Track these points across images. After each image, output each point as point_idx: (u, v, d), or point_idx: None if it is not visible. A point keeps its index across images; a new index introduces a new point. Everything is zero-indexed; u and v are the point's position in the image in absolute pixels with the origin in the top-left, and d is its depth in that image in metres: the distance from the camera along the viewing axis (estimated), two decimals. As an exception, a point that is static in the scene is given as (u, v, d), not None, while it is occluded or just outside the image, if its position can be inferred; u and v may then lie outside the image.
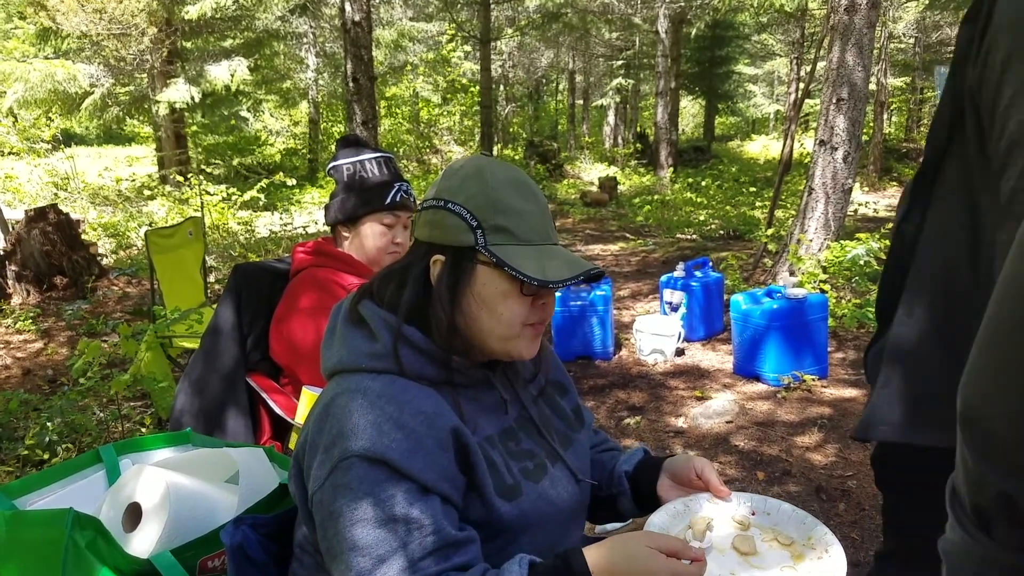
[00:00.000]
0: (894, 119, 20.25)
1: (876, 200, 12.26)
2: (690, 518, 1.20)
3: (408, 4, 17.03)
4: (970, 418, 0.67)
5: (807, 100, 8.20)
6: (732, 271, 6.51)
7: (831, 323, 4.55)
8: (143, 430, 3.38)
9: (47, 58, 12.31)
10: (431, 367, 1.11)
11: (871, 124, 15.11)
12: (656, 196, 12.92)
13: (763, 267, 6.87)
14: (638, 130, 22.61)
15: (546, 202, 1.19)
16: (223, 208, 9.23)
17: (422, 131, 17.75)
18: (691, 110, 32.15)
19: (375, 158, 2.07)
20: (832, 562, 1.08)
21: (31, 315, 5.38)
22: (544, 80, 26.13)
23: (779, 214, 7.76)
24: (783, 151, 7.49)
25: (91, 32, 12.16)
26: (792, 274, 5.83)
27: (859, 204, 10.46)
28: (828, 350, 4.45)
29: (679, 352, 4.85)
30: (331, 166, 2.09)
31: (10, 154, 11.13)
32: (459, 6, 16.38)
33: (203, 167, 11.06)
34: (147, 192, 11.42)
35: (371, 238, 2.05)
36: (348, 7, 7.61)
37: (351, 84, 7.59)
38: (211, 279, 5.64)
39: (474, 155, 1.21)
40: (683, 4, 16.04)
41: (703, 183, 13.62)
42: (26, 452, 2.93)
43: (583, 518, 1.29)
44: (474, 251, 1.11)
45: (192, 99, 12.04)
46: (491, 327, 1.12)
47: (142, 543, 1.36)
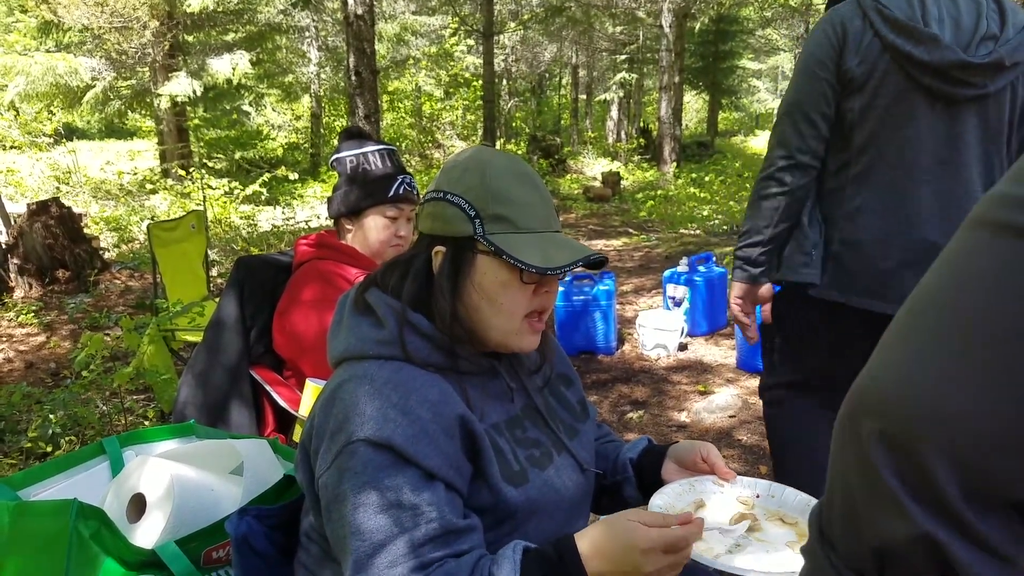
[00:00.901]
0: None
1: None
2: (694, 497, 1.20)
3: (410, -2, 17.00)
4: (902, 431, 0.50)
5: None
6: (735, 266, 6.48)
7: (835, 318, 4.53)
8: (146, 423, 3.38)
9: (48, 52, 12.28)
10: (437, 354, 1.12)
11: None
12: (659, 191, 12.90)
13: (766, 262, 6.84)
14: (641, 125, 22.57)
15: (547, 191, 1.19)
16: (225, 202, 9.22)
17: (424, 125, 17.73)
18: (694, 105, 32.09)
19: (378, 150, 2.06)
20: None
21: (33, 308, 5.38)
22: (547, 75, 26.08)
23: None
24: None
25: (92, 25, 12.13)
26: (796, 269, 5.80)
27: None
28: (832, 345, 4.43)
29: (682, 347, 4.84)
30: (334, 158, 2.08)
31: (12, 148, 11.12)
32: (462, 0, 16.35)
33: (205, 161, 11.05)
34: (149, 186, 11.42)
35: (374, 231, 2.04)
36: (351, 0, 7.59)
37: (353, 78, 7.58)
38: (213, 273, 5.64)
39: (476, 146, 1.21)
40: (686, -2, 16.00)
41: (706, 178, 13.59)
42: (29, 445, 2.93)
43: (588, 508, 1.30)
44: (473, 241, 1.11)
45: (194, 93, 12.03)
46: (492, 318, 1.13)
47: (146, 534, 1.35)
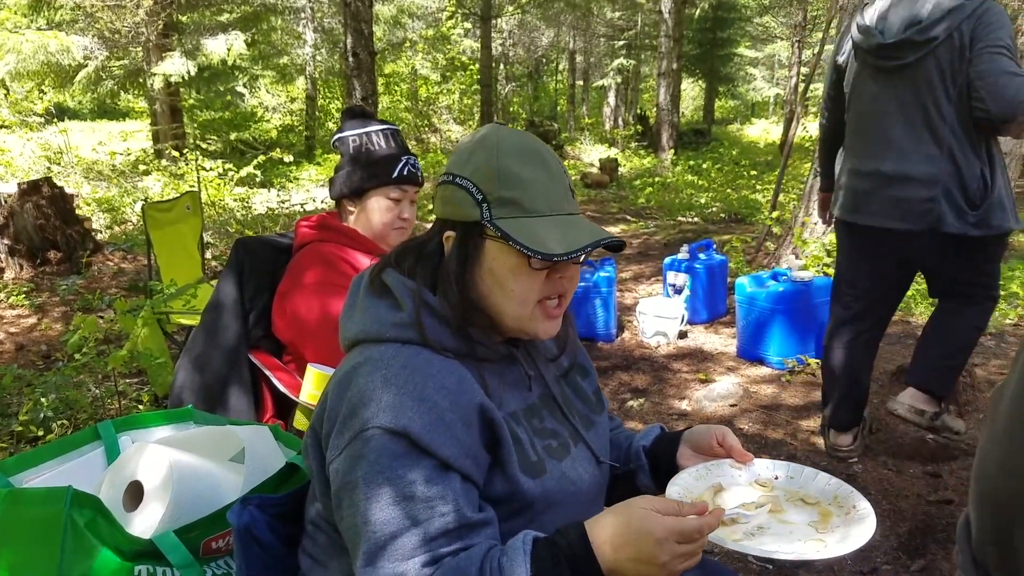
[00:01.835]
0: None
1: (877, 185, 12.20)
2: (712, 481, 1.17)
3: (407, -20, 16.80)
4: None
5: (810, 85, 8.10)
6: (736, 254, 6.45)
7: (835, 307, 4.51)
8: (140, 407, 3.33)
9: (40, 29, 12.08)
10: (455, 339, 1.08)
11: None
12: (657, 178, 12.84)
13: (766, 250, 6.81)
14: (639, 112, 22.48)
15: (561, 168, 1.13)
16: (219, 184, 9.12)
17: (421, 109, 17.59)
18: (691, 92, 31.96)
19: (382, 130, 2.01)
20: (860, 516, 1.05)
21: (24, 290, 5.31)
22: (544, 60, 25.89)
23: (781, 197, 7.70)
24: (788, 133, 7.41)
25: (85, 3, 11.94)
26: (797, 257, 5.78)
27: (860, 189, 10.38)
28: (833, 334, 4.41)
29: (682, 335, 4.81)
30: (336, 138, 2.03)
31: (2, 127, 10.96)
32: (459, -18, 16.19)
33: (199, 143, 10.92)
34: (142, 167, 11.28)
35: (377, 213, 1.99)
36: (348, -20, 7.47)
37: (351, 59, 7.47)
38: (208, 255, 5.57)
39: (490, 125, 1.16)
40: (686, -16, 15.88)
41: (704, 166, 13.53)
42: (20, 428, 2.88)
43: (603, 500, 1.27)
44: (481, 226, 1.07)
45: (188, 73, 11.86)
46: (504, 304, 1.09)
47: (144, 523, 1.31)
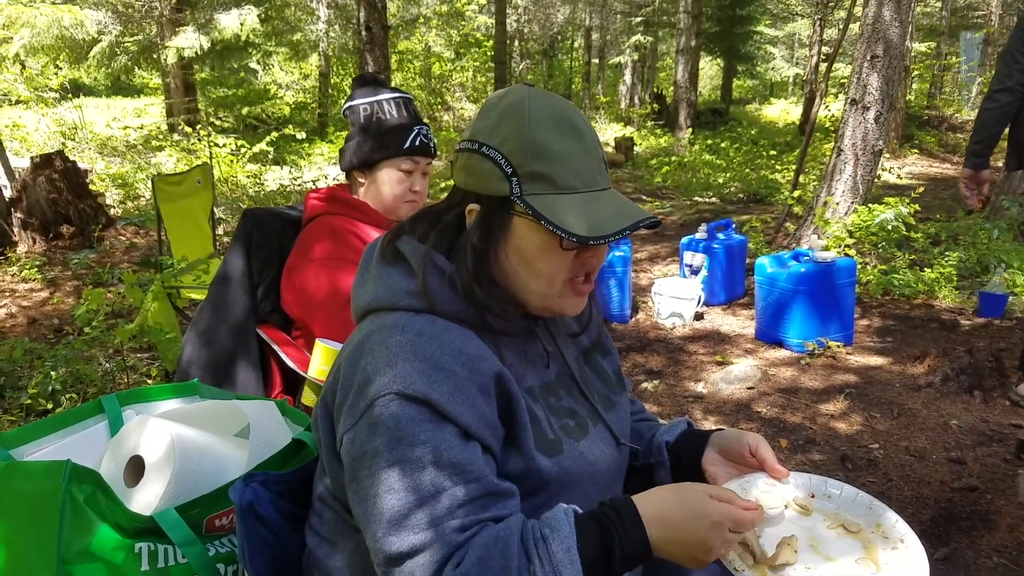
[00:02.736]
0: (915, 86, 19.73)
1: (899, 167, 12.00)
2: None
3: (422, -45, 16.59)
4: None
5: (832, 64, 7.92)
6: (755, 234, 6.35)
7: (856, 289, 4.41)
8: (149, 382, 3.31)
9: (54, 3, 12.05)
10: (468, 308, 1.02)
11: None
12: (674, 158, 12.67)
13: (785, 231, 6.70)
14: (655, 90, 22.18)
15: (595, 137, 1.05)
16: (232, 160, 9.08)
17: (434, 87, 17.44)
18: (708, 71, 31.53)
19: (394, 99, 1.93)
20: (910, 553, 0.98)
21: (37, 264, 5.30)
22: (559, 36, 25.59)
23: (801, 178, 7.56)
24: (810, 112, 7.26)
25: (99, -23, 11.91)
26: (818, 238, 5.67)
27: (882, 170, 10.24)
28: (854, 316, 4.32)
29: (698, 316, 4.73)
30: (347, 106, 1.96)
31: (17, 103, 10.97)
32: (475, -42, 15.96)
33: (212, 119, 10.87)
34: (155, 143, 11.27)
35: (388, 184, 1.93)
36: (362, -47, 7.36)
37: (364, 33, 7.38)
38: (219, 231, 5.53)
39: (518, 86, 1.07)
40: (706, -41, 15.57)
41: (722, 145, 13.35)
42: (29, 401, 2.86)
43: (621, 484, 1.22)
44: (510, 202, 1.00)
45: (201, 48, 11.80)
46: (530, 283, 1.03)
47: (145, 499, 1.27)
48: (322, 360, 1.71)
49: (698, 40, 16.48)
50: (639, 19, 21.59)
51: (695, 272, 4.93)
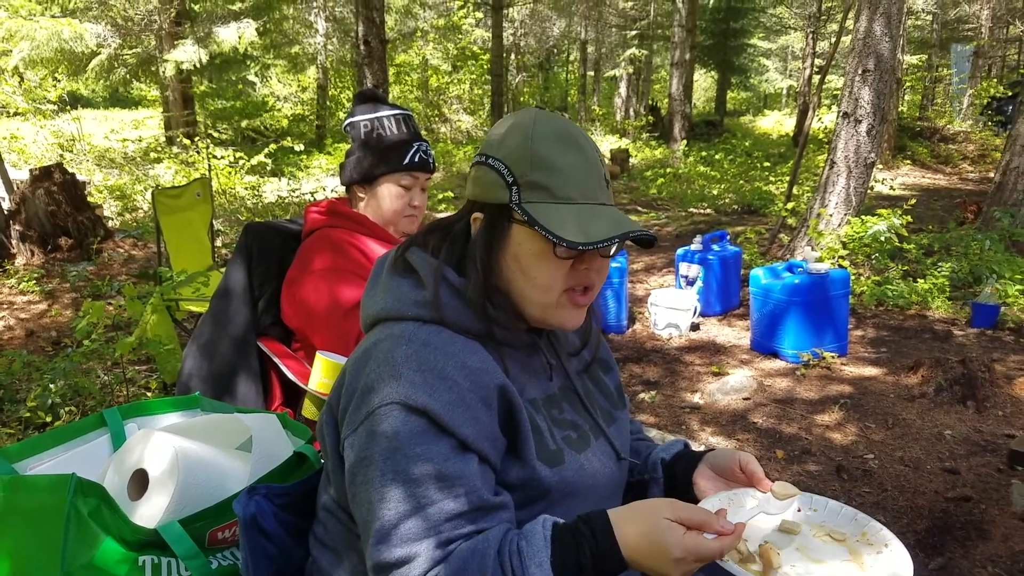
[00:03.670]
0: (907, 97, 19.89)
1: (892, 178, 12.08)
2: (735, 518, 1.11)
3: (419, -31, 16.70)
4: None
5: (825, 76, 8.00)
6: (749, 246, 6.39)
7: (850, 300, 4.45)
8: (148, 394, 3.32)
9: (54, 17, 12.09)
10: (475, 320, 1.05)
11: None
12: (669, 169, 12.74)
13: (779, 242, 6.75)
14: (650, 103, 22.29)
15: (597, 155, 1.08)
16: (230, 172, 9.11)
17: (431, 99, 17.51)
18: (703, 84, 31.71)
19: (394, 115, 1.96)
20: (895, 556, 1.00)
21: (35, 276, 5.31)
22: (555, 49, 25.72)
23: (795, 189, 7.61)
24: (803, 125, 7.33)
25: (98, -9, 11.95)
26: (812, 249, 5.71)
27: (874, 181, 10.32)
28: (848, 327, 4.35)
29: (694, 327, 4.76)
30: (348, 122, 1.99)
31: (16, 114, 10.99)
32: (471, -29, 16.06)
33: (210, 132, 10.91)
34: (153, 155, 11.29)
35: (388, 199, 1.95)
36: (360, -33, 7.42)
37: (362, 47, 7.43)
38: (218, 243, 5.55)
39: (528, 108, 1.12)
40: (701, -27, 15.69)
41: (716, 157, 13.43)
42: (28, 414, 2.87)
43: (620, 497, 1.23)
44: (509, 209, 1.03)
45: (200, 61, 11.85)
46: (526, 291, 1.05)
47: (149, 512, 1.28)
48: (322, 372, 1.72)
49: (692, 53, 16.60)
50: (634, 32, 21.74)
51: (691, 283, 4.96)
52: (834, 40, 7.71)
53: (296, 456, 1.34)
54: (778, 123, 23.81)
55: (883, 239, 5.43)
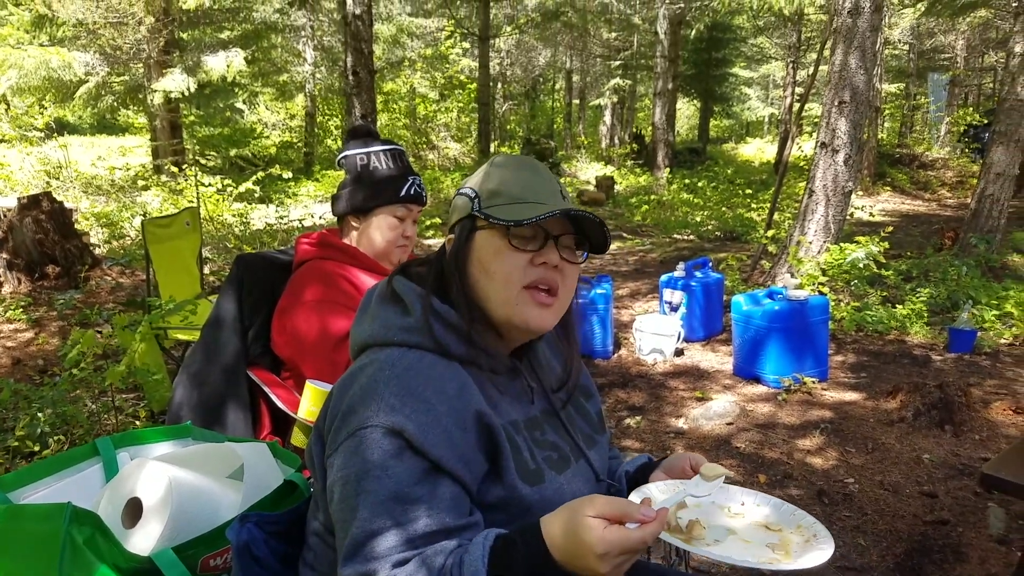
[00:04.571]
0: (886, 125, 20.30)
1: (871, 204, 12.29)
2: (678, 498, 1.14)
3: (407, 0, 16.93)
4: None
5: (804, 105, 8.19)
6: (731, 272, 6.49)
7: (830, 326, 4.53)
8: (136, 423, 3.32)
9: (42, 45, 12.13)
10: (460, 344, 1.11)
11: (866, 129, 15.11)
12: (653, 196, 12.90)
13: (761, 268, 6.85)
14: (635, 130, 22.58)
15: (553, 177, 1.21)
16: (218, 199, 9.14)
17: (419, 127, 17.67)
18: (686, 112, 32.16)
19: (387, 150, 2.04)
20: (820, 543, 1.07)
21: (22, 304, 5.30)
22: (541, 79, 26.06)
23: (776, 216, 7.75)
24: (783, 153, 7.47)
25: (87, 20, 12.00)
26: (792, 276, 5.81)
27: (854, 208, 10.51)
28: (828, 353, 4.43)
29: (678, 352, 4.82)
30: (343, 156, 2.05)
31: (2, 142, 10.98)
32: (458, 3, 16.31)
33: (198, 158, 10.95)
34: (141, 182, 11.30)
35: (383, 229, 2.02)
36: (349, 0, 7.55)
37: (351, 77, 7.53)
38: (206, 271, 5.57)
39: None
40: (682, 5, 16.02)
41: (699, 184, 13.62)
42: (16, 443, 2.87)
43: None
44: (473, 218, 1.15)
45: (188, 89, 11.92)
46: (489, 289, 1.12)
47: (143, 540, 1.31)
48: (311, 401, 1.76)
49: (675, 83, 16.89)
50: (618, 63, 22.09)
51: (674, 309, 5.03)
52: (811, 70, 7.90)
53: (286, 484, 1.37)
54: (760, 150, 24.17)
55: (861, 266, 5.54)
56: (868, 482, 3.19)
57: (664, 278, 5.23)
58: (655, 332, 4.73)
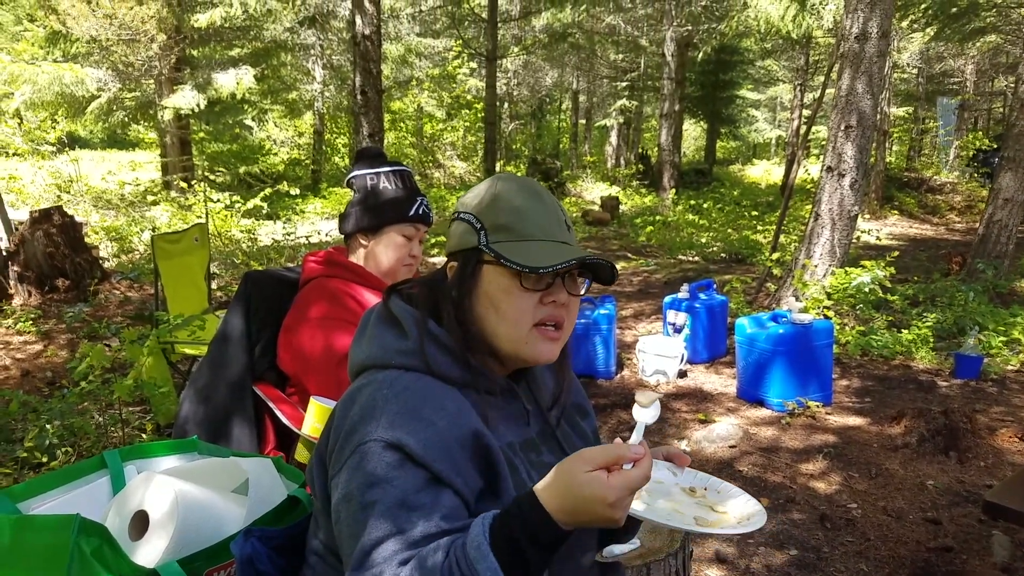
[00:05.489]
0: (895, 148, 20.37)
1: (879, 228, 12.30)
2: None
3: (416, 20, 17.11)
4: None
5: (811, 128, 8.23)
6: (736, 294, 6.50)
7: (835, 350, 4.53)
8: (143, 435, 3.34)
9: (56, 61, 12.33)
10: (456, 368, 1.12)
11: (873, 152, 15.17)
12: (658, 217, 12.94)
13: (766, 291, 6.86)
14: (640, 151, 22.70)
15: (556, 204, 1.20)
16: (226, 215, 9.22)
17: (426, 145, 17.80)
18: (692, 133, 32.32)
19: (395, 171, 2.07)
20: (751, 523, 1.08)
21: (32, 316, 5.35)
22: (548, 99, 26.24)
23: (781, 239, 7.76)
24: (790, 176, 7.51)
25: (101, 37, 12.18)
26: (797, 299, 5.82)
27: (861, 232, 10.53)
28: (832, 377, 4.43)
29: (682, 374, 4.82)
30: (352, 175, 2.09)
31: (14, 155, 11.12)
32: (466, 24, 16.49)
33: (207, 174, 11.05)
34: (151, 197, 11.41)
35: (391, 248, 2.04)
36: (359, 21, 7.65)
37: (359, 97, 7.62)
38: (213, 286, 5.61)
39: (500, 173, 1.25)
40: (690, 28, 16.16)
41: (704, 206, 13.65)
42: (25, 454, 2.89)
43: (596, 536, 1.29)
44: (479, 251, 1.14)
45: (198, 106, 12.06)
46: (498, 327, 1.13)
47: (148, 552, 1.33)
48: (315, 418, 1.77)
49: (681, 105, 17.00)
50: (624, 84, 22.26)
51: (678, 331, 5.04)
52: (819, 93, 7.94)
53: (289, 500, 1.39)
54: (767, 172, 24.23)
55: (867, 290, 5.55)
56: (871, 507, 3.18)
57: (668, 299, 5.25)
58: (658, 353, 4.74)
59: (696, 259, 9.88)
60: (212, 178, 10.88)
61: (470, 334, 1.14)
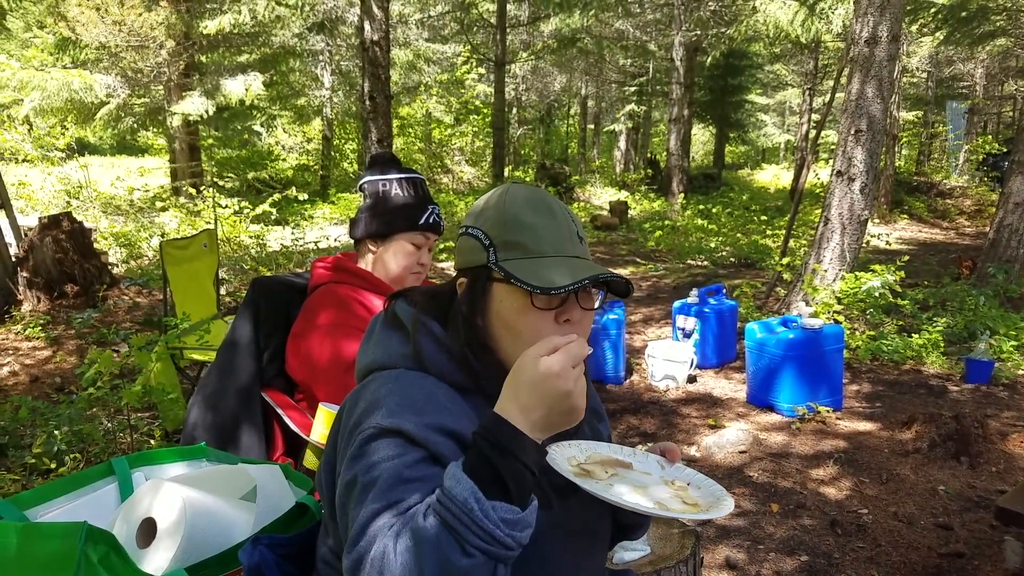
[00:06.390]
0: (904, 152, 20.28)
1: (888, 232, 12.23)
2: (623, 458, 1.20)
3: (424, 25, 17.15)
4: None
5: (821, 132, 8.20)
6: (745, 299, 6.47)
7: (845, 355, 4.50)
8: (151, 441, 3.35)
9: (65, 68, 12.40)
10: (460, 373, 1.12)
11: (883, 157, 15.09)
12: (667, 221, 12.91)
13: (776, 296, 6.82)
14: (649, 156, 22.67)
15: (568, 215, 1.17)
16: (235, 221, 9.25)
17: (434, 151, 17.83)
18: (701, 137, 32.27)
19: (407, 178, 2.06)
20: (717, 510, 1.09)
21: (41, 322, 5.37)
22: (556, 104, 26.27)
23: (791, 243, 7.73)
24: (799, 180, 7.48)
25: (110, 43, 12.26)
26: (807, 304, 5.79)
27: (871, 236, 10.47)
28: (843, 382, 4.40)
29: (691, 379, 4.80)
30: (364, 181, 2.08)
31: (24, 161, 11.19)
32: (475, 29, 16.52)
33: (216, 180, 11.10)
34: (160, 203, 11.46)
35: (400, 255, 2.03)
36: (367, 26, 7.67)
37: (368, 102, 7.63)
38: (222, 291, 5.63)
39: (508, 183, 1.22)
40: (699, 33, 16.14)
41: (714, 210, 13.62)
42: (33, 460, 2.90)
43: (607, 542, 1.29)
44: (488, 269, 1.12)
45: (207, 112, 12.12)
46: (515, 346, 1.10)
47: (156, 560, 1.33)
48: (324, 424, 1.77)
49: (690, 109, 16.97)
50: (633, 88, 22.25)
51: (687, 335, 5.02)
52: (828, 97, 7.91)
53: (298, 507, 1.38)
54: (776, 177, 24.16)
55: (877, 295, 5.51)
56: (882, 513, 3.15)
57: (677, 304, 5.23)
58: (668, 358, 4.72)
59: (705, 264, 9.85)
60: (221, 184, 10.93)
61: (486, 351, 1.12)
